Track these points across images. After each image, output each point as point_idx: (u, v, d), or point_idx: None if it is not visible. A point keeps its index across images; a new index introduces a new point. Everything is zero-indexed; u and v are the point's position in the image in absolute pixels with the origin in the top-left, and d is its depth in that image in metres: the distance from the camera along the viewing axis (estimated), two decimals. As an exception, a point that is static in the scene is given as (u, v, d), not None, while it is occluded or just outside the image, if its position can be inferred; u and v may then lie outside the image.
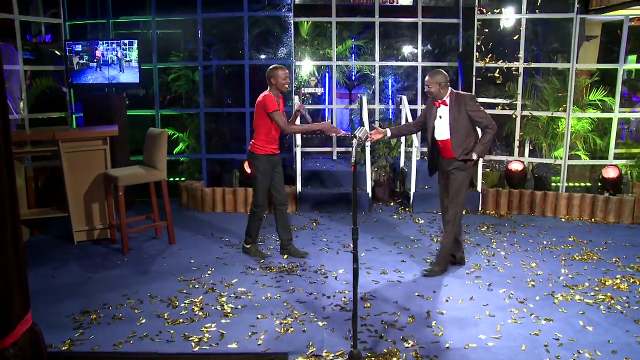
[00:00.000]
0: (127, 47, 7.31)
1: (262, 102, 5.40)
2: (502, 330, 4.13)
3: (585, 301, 4.66)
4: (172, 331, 4.13)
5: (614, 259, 5.74)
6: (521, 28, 7.69)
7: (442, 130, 5.18)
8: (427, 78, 5.14)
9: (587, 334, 4.09)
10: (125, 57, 7.33)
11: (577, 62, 7.61)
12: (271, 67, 5.47)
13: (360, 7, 9.53)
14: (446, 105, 5.12)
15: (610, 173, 7.37)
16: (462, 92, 5.22)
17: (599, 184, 7.56)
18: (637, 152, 8.19)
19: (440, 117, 5.17)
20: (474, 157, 5.10)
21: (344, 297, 4.75)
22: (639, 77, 8.79)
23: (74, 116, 8.08)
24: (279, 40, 8.65)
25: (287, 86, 5.52)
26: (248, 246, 5.85)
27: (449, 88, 5.13)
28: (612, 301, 4.66)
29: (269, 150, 5.52)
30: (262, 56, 8.89)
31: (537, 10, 7.71)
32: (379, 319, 4.32)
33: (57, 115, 7.90)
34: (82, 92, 7.69)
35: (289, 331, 4.13)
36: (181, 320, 4.31)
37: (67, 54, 7.29)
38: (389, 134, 5.45)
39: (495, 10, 7.85)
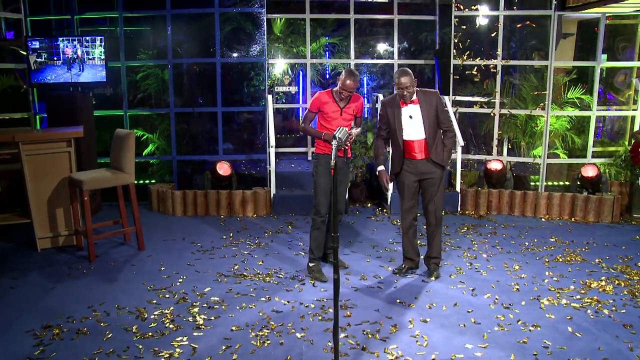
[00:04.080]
0: (90, 44, 6.99)
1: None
2: (489, 339, 3.95)
3: (572, 305, 4.52)
4: (140, 346, 3.86)
5: (597, 260, 5.64)
6: (499, 25, 7.56)
7: (412, 130, 4.92)
8: (403, 80, 4.76)
9: (576, 340, 3.94)
10: (88, 54, 7.01)
11: (554, 60, 7.51)
12: (347, 69, 4.95)
13: (334, 3, 9.33)
14: (416, 103, 4.88)
15: (589, 172, 7.30)
16: (426, 90, 4.97)
17: (578, 183, 7.49)
18: (614, 150, 8.15)
19: (410, 117, 4.90)
20: (447, 164, 5.02)
21: (323, 306, 4.53)
22: (612, 75, 8.75)
23: (37, 117, 7.74)
24: (252, 38, 8.40)
25: (342, 96, 4.95)
26: (311, 265, 5.22)
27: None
28: (599, 305, 4.53)
29: (327, 150, 5.07)
30: (234, 54, 8.63)
31: (514, 7, 7.60)
32: (360, 329, 4.11)
33: (20, 115, 7.56)
34: (45, 91, 7.36)
35: (266, 344, 3.90)
36: (150, 333, 4.05)
37: (27, 51, 6.95)
38: (382, 167, 5.15)
39: (472, 7, 7.72)
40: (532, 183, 7.92)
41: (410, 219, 5.14)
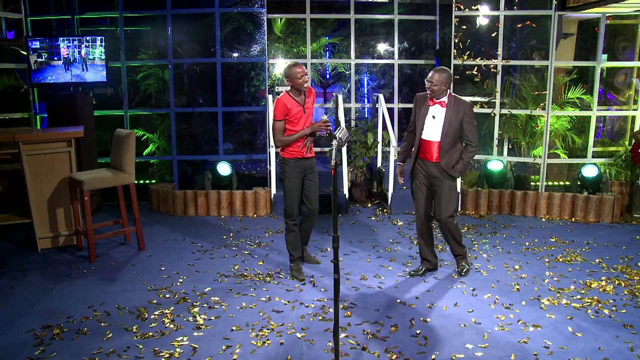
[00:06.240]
0: (90, 44, 6.99)
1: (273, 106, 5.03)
2: (490, 339, 3.95)
3: (572, 305, 4.52)
4: (141, 346, 3.86)
5: (597, 260, 5.63)
6: (499, 25, 7.56)
7: (432, 131, 4.89)
8: (432, 75, 4.75)
9: (577, 340, 3.93)
10: (89, 54, 7.01)
11: (555, 60, 7.50)
12: (286, 66, 4.94)
13: (334, 3, 9.33)
14: (443, 106, 4.84)
15: (589, 172, 7.29)
16: (462, 98, 4.90)
17: (578, 183, 7.48)
18: (614, 150, 8.14)
19: (433, 117, 4.87)
20: (456, 175, 4.94)
21: (323, 306, 4.53)
22: (613, 75, 8.74)
23: (37, 117, 7.74)
24: (252, 38, 8.41)
25: (306, 85, 4.92)
26: (291, 264, 5.28)
27: (449, 89, 4.88)
28: (600, 305, 4.53)
29: (296, 153, 5.03)
30: (235, 54, 8.64)
31: (515, 7, 7.60)
32: (361, 329, 4.11)
33: (20, 115, 7.56)
34: (46, 91, 7.36)
35: (266, 344, 3.90)
36: (151, 333, 4.05)
37: (27, 51, 6.95)
38: (399, 162, 5.23)
39: (472, 7, 7.70)
40: (533, 183, 7.92)
41: (421, 221, 5.13)
